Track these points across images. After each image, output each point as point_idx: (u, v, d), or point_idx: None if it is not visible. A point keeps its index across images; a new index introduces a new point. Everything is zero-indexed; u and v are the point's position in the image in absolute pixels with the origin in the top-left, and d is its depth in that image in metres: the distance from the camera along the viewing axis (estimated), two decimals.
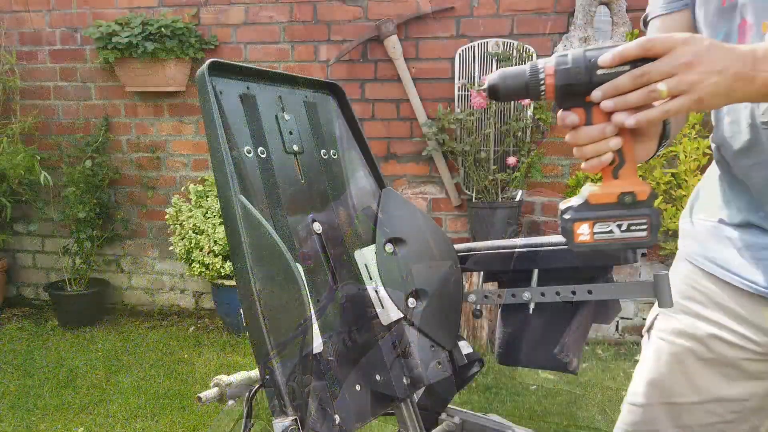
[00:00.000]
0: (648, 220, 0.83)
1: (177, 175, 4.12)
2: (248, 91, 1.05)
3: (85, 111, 4.16)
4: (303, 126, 1.12)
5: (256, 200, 0.98)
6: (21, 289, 4.43)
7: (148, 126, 4.10)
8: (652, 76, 0.77)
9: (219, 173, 0.94)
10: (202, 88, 0.96)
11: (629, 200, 0.83)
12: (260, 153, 1.02)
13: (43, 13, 4.12)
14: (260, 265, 0.89)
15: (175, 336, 3.80)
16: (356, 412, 0.98)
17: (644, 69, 0.77)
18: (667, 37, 0.77)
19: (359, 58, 3.79)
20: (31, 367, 3.35)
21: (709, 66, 0.76)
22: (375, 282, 1.09)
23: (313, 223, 1.05)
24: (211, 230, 3.53)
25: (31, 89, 4.17)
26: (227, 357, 3.47)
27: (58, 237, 4.19)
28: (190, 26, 3.84)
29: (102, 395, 3.03)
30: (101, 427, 2.75)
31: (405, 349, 1.12)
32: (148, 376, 3.23)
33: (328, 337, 0.99)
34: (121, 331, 3.88)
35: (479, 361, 1.16)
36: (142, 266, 4.25)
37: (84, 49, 4.09)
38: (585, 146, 0.83)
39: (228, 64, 1.02)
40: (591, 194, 0.85)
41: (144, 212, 4.18)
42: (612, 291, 1.07)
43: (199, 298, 4.21)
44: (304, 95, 1.15)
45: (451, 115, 3.57)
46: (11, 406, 2.91)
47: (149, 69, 3.80)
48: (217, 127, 0.94)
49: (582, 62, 0.81)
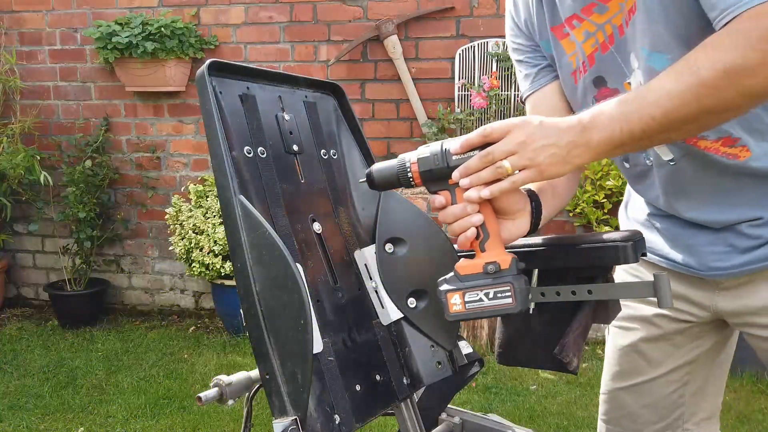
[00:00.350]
0: (511, 287, 0.89)
1: (177, 175, 4.12)
2: (248, 91, 1.05)
3: (85, 111, 4.16)
4: (303, 126, 1.12)
5: (256, 200, 0.97)
6: (21, 289, 4.43)
7: (148, 126, 4.10)
8: (495, 156, 0.88)
9: (219, 173, 0.93)
10: (201, 88, 0.96)
11: (492, 269, 0.90)
12: (260, 153, 1.02)
13: (43, 13, 4.12)
14: (260, 265, 0.89)
15: (175, 336, 3.80)
16: (356, 412, 0.98)
17: (488, 150, 0.89)
18: (503, 122, 0.89)
19: (359, 58, 3.80)
20: (31, 367, 3.35)
21: (542, 141, 0.87)
22: (375, 282, 1.08)
23: (313, 223, 1.05)
24: (211, 230, 3.53)
25: (31, 89, 4.17)
26: (227, 357, 3.47)
27: (58, 237, 4.19)
28: (190, 26, 3.84)
29: (102, 395, 3.03)
30: (101, 427, 2.75)
31: (405, 349, 1.12)
32: (148, 376, 3.23)
33: (328, 337, 0.99)
34: (121, 331, 3.88)
35: (479, 361, 1.16)
36: (142, 266, 4.25)
37: (84, 49, 4.09)
38: (452, 223, 0.93)
39: (228, 64, 1.02)
40: (458, 266, 0.93)
41: (144, 212, 4.18)
42: (612, 291, 1.07)
43: (199, 298, 4.21)
44: (304, 95, 1.15)
45: (451, 115, 3.57)
46: (11, 406, 2.92)
47: (149, 69, 3.80)
48: (217, 127, 0.94)
49: (439, 151, 0.93)
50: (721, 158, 1.02)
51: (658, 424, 1.30)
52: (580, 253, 1.06)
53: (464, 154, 0.91)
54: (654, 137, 0.88)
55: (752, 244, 1.06)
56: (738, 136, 1.00)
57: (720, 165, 1.04)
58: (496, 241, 0.93)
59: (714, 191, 1.08)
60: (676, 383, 1.27)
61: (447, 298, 0.92)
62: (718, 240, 1.09)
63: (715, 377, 1.31)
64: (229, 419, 2.77)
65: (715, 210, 1.09)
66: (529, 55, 1.21)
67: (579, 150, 0.88)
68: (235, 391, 1.00)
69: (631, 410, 1.31)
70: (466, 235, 0.92)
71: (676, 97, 0.83)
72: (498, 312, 0.90)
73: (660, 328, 1.24)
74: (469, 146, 0.91)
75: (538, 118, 0.90)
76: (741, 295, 1.12)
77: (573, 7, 1.06)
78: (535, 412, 2.85)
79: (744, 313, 1.13)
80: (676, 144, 1.05)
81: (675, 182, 1.10)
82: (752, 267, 1.07)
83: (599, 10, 1.03)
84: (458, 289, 0.91)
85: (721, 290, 1.14)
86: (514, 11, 1.22)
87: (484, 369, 3.09)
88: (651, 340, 1.26)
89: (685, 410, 1.29)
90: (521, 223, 0.98)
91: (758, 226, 1.05)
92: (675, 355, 1.25)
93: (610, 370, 1.34)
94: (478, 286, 0.90)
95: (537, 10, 1.15)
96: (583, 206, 3.44)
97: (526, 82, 1.22)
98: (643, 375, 1.28)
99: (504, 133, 0.89)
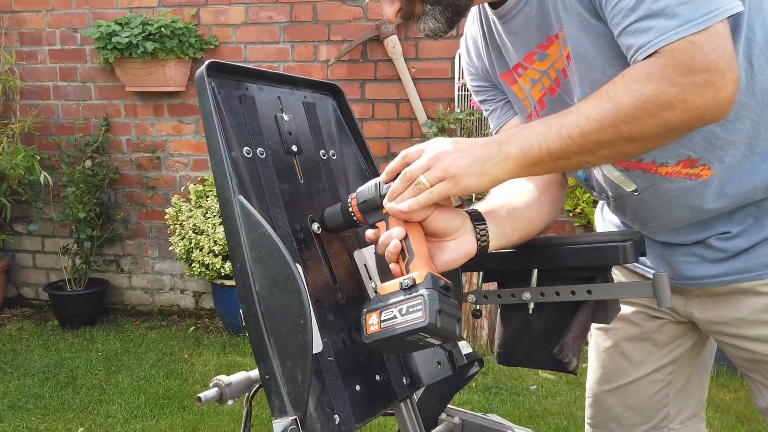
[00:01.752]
0: (422, 301, 0.85)
1: (177, 175, 4.12)
2: (247, 91, 1.05)
3: (85, 111, 4.16)
4: (302, 126, 1.12)
5: (255, 200, 0.98)
6: (21, 289, 4.43)
7: (148, 126, 4.10)
8: (413, 173, 0.92)
9: (218, 173, 0.94)
10: (201, 88, 0.96)
11: (407, 284, 0.88)
12: (259, 153, 1.02)
13: (43, 13, 4.12)
14: (260, 265, 0.90)
15: (175, 336, 3.80)
16: (356, 412, 0.98)
17: (406, 170, 0.92)
18: (419, 144, 0.95)
19: (359, 58, 3.80)
20: (31, 367, 3.35)
21: (455, 154, 0.91)
22: (374, 282, 1.09)
23: (312, 223, 1.05)
24: (211, 230, 3.53)
25: (31, 89, 4.17)
26: (227, 357, 3.47)
27: (58, 237, 4.19)
28: (190, 26, 3.84)
29: (102, 395, 3.03)
30: (101, 427, 2.75)
31: None
32: (148, 376, 3.23)
33: (327, 338, 0.99)
34: (121, 331, 3.88)
35: (479, 361, 1.17)
36: (142, 266, 4.25)
37: (84, 49, 4.09)
38: (386, 249, 0.93)
39: (227, 64, 1.02)
40: (380, 287, 0.92)
41: (144, 212, 4.18)
42: (611, 291, 1.07)
43: (199, 298, 4.21)
44: (303, 96, 1.15)
45: (451, 115, 3.57)
46: (11, 406, 2.92)
47: (149, 69, 3.80)
48: (217, 127, 0.94)
49: (373, 183, 0.98)
50: (684, 180, 1.04)
51: (644, 426, 1.31)
52: (579, 253, 1.06)
53: (391, 181, 0.95)
54: (571, 158, 0.89)
55: (719, 257, 1.08)
56: (697, 157, 1.01)
57: (686, 192, 1.05)
58: (421, 261, 0.91)
59: (684, 218, 1.09)
60: (660, 383, 1.28)
61: (366, 319, 0.89)
62: (688, 251, 1.12)
63: (699, 375, 1.32)
64: (229, 419, 2.78)
65: (685, 231, 1.11)
66: (490, 93, 1.24)
67: (495, 162, 0.91)
68: (235, 391, 1.00)
69: (617, 413, 1.32)
70: (389, 250, 0.92)
71: (594, 120, 0.86)
72: (409, 328, 0.85)
73: (639, 327, 1.26)
74: (393, 172, 0.95)
75: (453, 138, 0.94)
76: (712, 306, 1.14)
77: (516, 57, 1.10)
78: (535, 412, 2.85)
79: (715, 322, 1.15)
80: (637, 174, 1.07)
81: (642, 211, 1.12)
82: (722, 279, 1.09)
83: (540, 58, 1.07)
84: (376, 308, 0.89)
85: (693, 297, 1.16)
86: (467, 58, 1.26)
87: (484, 369, 3.09)
88: (632, 340, 1.28)
89: (670, 410, 1.30)
90: (465, 240, 0.96)
91: (726, 239, 1.07)
92: (657, 355, 1.27)
93: (594, 374, 1.36)
94: (393, 304, 0.87)
95: (487, 58, 1.19)
96: (583, 206, 3.44)
97: (492, 117, 1.26)
98: (627, 376, 1.29)
99: (420, 152, 0.93)
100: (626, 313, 1.26)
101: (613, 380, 1.31)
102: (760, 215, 1.06)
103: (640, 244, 1.06)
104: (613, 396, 1.32)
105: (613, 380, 1.31)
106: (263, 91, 1.07)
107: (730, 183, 1.03)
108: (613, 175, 1.10)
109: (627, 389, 1.30)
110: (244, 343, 3.59)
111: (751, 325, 1.08)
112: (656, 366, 1.28)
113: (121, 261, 4.27)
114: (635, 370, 1.29)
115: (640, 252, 1.06)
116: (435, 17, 1.00)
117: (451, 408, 1.22)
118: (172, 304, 4.24)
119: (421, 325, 0.84)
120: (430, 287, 0.86)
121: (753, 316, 1.08)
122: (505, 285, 1.14)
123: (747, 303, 1.08)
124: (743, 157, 1.01)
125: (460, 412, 1.22)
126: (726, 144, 0.99)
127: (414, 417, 1.13)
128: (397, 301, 0.88)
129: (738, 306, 1.09)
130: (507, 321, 1.16)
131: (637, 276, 1.24)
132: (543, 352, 1.10)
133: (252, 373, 1.02)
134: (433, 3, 1.00)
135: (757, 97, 0.96)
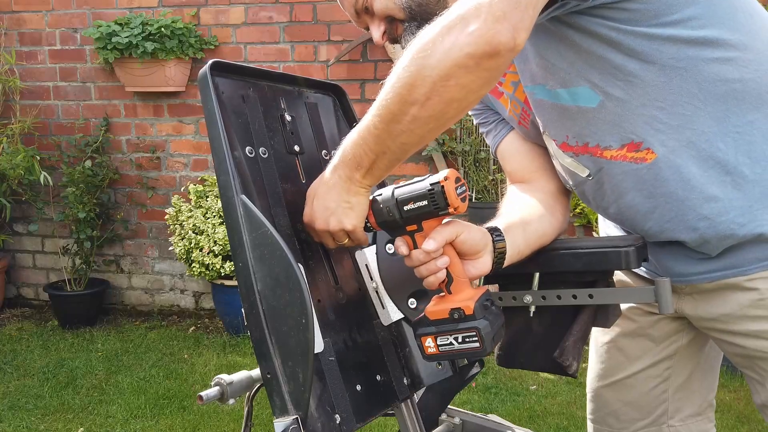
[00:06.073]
0: (476, 333, 0.92)
1: (177, 175, 4.12)
2: (250, 91, 1.05)
3: (85, 111, 4.16)
4: (304, 126, 1.12)
5: (258, 200, 0.98)
6: (21, 289, 4.43)
7: (148, 126, 4.10)
8: None
9: (221, 173, 0.94)
10: (204, 88, 0.97)
11: (458, 316, 0.94)
12: (262, 153, 1.02)
13: (43, 13, 4.12)
14: (261, 264, 0.90)
15: (175, 336, 3.80)
16: (357, 412, 0.98)
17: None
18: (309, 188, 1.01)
19: (359, 58, 3.80)
20: (31, 367, 3.35)
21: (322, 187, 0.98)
22: (376, 282, 1.09)
23: None
24: (211, 230, 3.53)
25: (31, 89, 4.17)
26: (227, 357, 3.47)
27: (58, 237, 4.19)
28: (190, 26, 3.84)
29: (102, 395, 3.03)
30: (101, 427, 2.75)
31: (405, 350, 1.12)
32: (148, 376, 3.23)
33: (329, 337, 0.99)
34: (121, 331, 3.88)
35: (479, 362, 1.17)
36: (142, 266, 4.25)
37: (84, 49, 4.09)
38: (419, 267, 0.96)
39: (230, 64, 1.02)
40: (428, 311, 0.97)
41: (144, 212, 4.18)
42: (613, 295, 1.07)
43: (199, 298, 4.21)
44: (306, 96, 1.16)
45: None
46: (11, 407, 2.92)
47: (149, 69, 3.80)
48: (219, 127, 0.95)
49: (391, 201, 0.95)
50: (630, 163, 1.04)
51: (642, 421, 1.31)
52: (581, 257, 1.06)
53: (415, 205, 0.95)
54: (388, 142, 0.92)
55: (704, 256, 1.08)
56: (640, 140, 1.02)
57: (632, 176, 1.05)
58: (460, 282, 0.96)
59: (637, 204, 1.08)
60: (657, 378, 1.29)
61: (422, 342, 0.97)
62: (673, 248, 1.11)
63: (702, 373, 1.32)
64: (229, 419, 2.78)
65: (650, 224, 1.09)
66: (483, 115, 1.28)
67: (352, 180, 0.96)
68: (236, 390, 1.00)
69: (615, 408, 1.33)
70: (438, 277, 0.95)
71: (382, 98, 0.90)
72: (468, 354, 0.95)
73: (635, 322, 1.28)
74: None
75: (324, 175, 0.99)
76: (701, 302, 1.14)
77: None
78: (535, 412, 2.85)
79: (705, 318, 1.15)
80: (586, 158, 1.08)
81: (600, 197, 1.13)
82: (709, 276, 1.09)
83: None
84: (430, 333, 0.96)
85: (684, 295, 1.16)
86: None
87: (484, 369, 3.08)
88: (628, 335, 1.29)
89: (668, 406, 1.30)
90: (483, 261, 0.99)
91: (698, 245, 1.06)
92: (653, 350, 1.28)
93: (593, 369, 1.37)
94: (447, 331, 0.94)
95: None
96: (583, 206, 3.44)
97: (489, 137, 1.29)
98: (623, 371, 1.30)
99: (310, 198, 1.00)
100: (623, 308, 1.27)
101: (610, 375, 1.33)
102: None
103: (643, 249, 1.06)
104: (611, 391, 1.33)
105: (610, 375, 1.33)
106: (266, 91, 1.08)
107: (677, 169, 1.02)
108: (566, 162, 1.12)
109: (624, 384, 1.31)
110: (244, 343, 3.59)
111: (739, 321, 1.09)
112: (652, 361, 1.28)
113: (121, 261, 4.27)
114: (631, 365, 1.30)
115: (642, 257, 1.06)
116: (413, 33, 1.03)
117: (452, 408, 1.22)
118: (172, 304, 4.24)
119: (481, 353, 0.94)
120: (479, 318, 0.93)
121: (740, 312, 1.08)
122: (507, 287, 1.14)
123: (734, 299, 1.08)
124: (689, 142, 1.01)
125: (461, 413, 1.22)
126: (668, 128, 1.00)
127: (414, 417, 1.13)
128: (450, 329, 0.94)
129: (725, 302, 1.09)
130: (508, 323, 1.16)
131: (636, 276, 1.24)
132: (543, 355, 1.11)
133: (253, 372, 1.03)
134: (409, 20, 1.05)
135: (702, 86, 0.97)
